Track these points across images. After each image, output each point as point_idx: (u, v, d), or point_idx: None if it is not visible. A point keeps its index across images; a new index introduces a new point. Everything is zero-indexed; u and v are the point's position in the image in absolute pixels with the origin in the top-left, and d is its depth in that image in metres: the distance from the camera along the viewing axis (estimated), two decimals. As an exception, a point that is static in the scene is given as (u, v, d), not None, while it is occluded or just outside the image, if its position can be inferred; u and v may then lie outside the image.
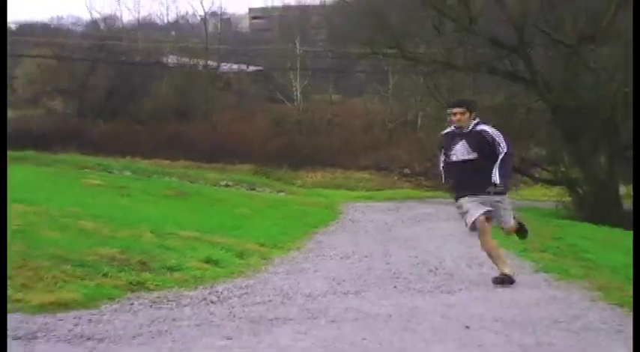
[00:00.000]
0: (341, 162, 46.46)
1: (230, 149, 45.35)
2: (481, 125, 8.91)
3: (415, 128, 46.29)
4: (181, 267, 9.30)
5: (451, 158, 8.95)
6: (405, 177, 44.16)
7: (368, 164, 45.67)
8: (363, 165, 45.60)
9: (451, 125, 9.04)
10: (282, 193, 34.90)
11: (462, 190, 8.96)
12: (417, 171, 43.37)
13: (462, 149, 8.83)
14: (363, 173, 44.64)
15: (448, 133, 9.10)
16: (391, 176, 44.74)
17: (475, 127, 8.86)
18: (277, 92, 55.47)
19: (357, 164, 45.36)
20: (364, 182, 43.29)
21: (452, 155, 8.93)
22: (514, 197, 34.00)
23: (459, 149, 8.86)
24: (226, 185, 35.70)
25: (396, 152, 45.67)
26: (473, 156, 8.78)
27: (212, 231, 13.05)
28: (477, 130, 8.84)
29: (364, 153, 46.36)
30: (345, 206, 23.79)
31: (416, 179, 43.12)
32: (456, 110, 8.94)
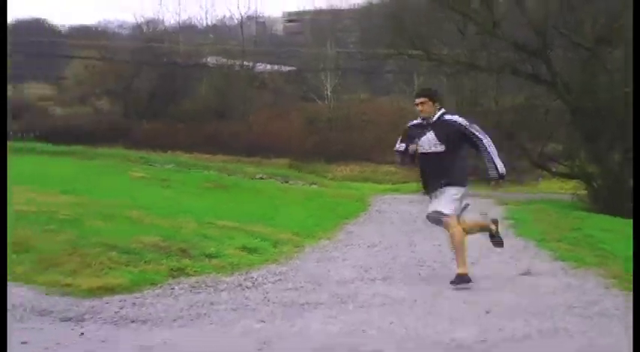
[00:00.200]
0: (369, 156, 46.50)
1: (266, 145, 45.50)
2: (448, 115, 8.13)
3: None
4: (219, 255, 9.30)
5: (419, 149, 8.20)
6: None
7: (394, 158, 45.65)
8: (390, 159, 45.54)
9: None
10: (314, 185, 34.90)
11: (428, 183, 8.34)
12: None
13: (429, 141, 8.10)
14: (390, 166, 44.55)
15: (416, 124, 8.35)
16: (416, 169, 44.58)
17: (442, 117, 8.10)
18: (310, 92, 55.50)
19: (385, 158, 45.27)
20: (390, 175, 43.22)
21: (420, 146, 8.18)
22: (530, 190, 33.89)
23: (426, 141, 8.11)
24: (261, 178, 35.76)
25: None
26: (441, 148, 8.04)
27: (249, 221, 13.04)
28: (444, 120, 8.08)
29: (391, 148, 46.26)
30: (374, 198, 23.69)
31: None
32: (419, 100, 8.19)
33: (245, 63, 56.97)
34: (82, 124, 47.28)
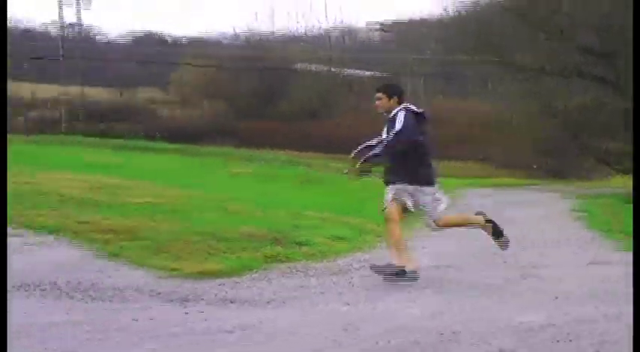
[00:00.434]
0: (448, 153, 46.11)
1: (352, 144, 45.41)
2: (402, 111, 7.40)
3: (510, 125, 45.51)
4: (309, 243, 9.33)
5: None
6: (504, 167, 43.49)
7: (471, 155, 45.24)
8: (467, 156, 45.16)
9: None
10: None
11: (386, 175, 7.83)
12: (513, 162, 42.73)
13: (384, 136, 7.64)
14: (466, 163, 44.14)
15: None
16: (490, 166, 44.20)
17: (396, 113, 7.42)
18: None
19: (462, 155, 44.92)
20: (466, 170, 42.78)
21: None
22: (598, 185, 33.10)
23: (383, 135, 7.62)
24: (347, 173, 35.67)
25: (495, 146, 45.01)
26: None
27: (336, 213, 13.04)
28: (394, 116, 7.44)
29: (468, 146, 45.90)
30: (451, 191, 23.45)
31: (512, 169, 42.48)
32: (376, 96, 7.74)
33: (333, 69, 57.21)
34: (192, 125, 48.47)
